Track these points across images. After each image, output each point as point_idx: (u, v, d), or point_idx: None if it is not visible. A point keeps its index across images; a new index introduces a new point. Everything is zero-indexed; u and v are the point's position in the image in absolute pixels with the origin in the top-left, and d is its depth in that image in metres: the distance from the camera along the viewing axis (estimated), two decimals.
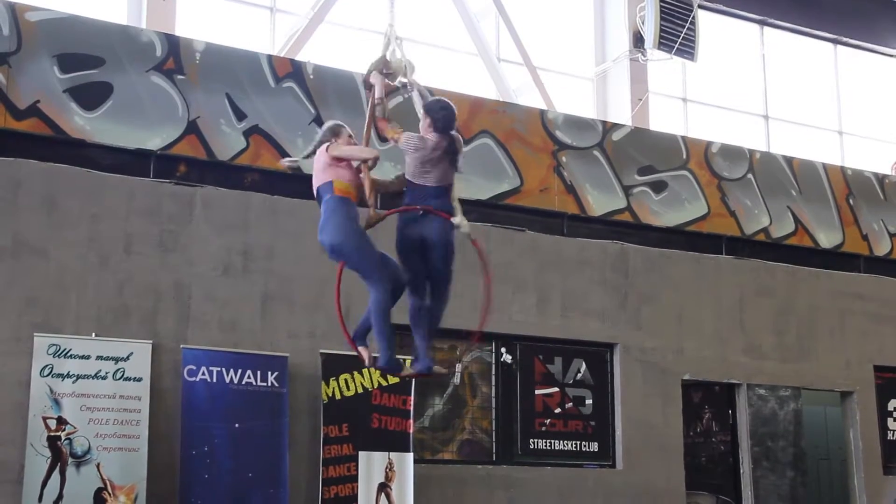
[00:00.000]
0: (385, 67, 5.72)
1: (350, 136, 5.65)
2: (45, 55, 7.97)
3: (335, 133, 5.66)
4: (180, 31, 9.63)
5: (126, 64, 8.25)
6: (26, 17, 7.95)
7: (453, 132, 5.52)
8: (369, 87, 5.70)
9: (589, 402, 9.71)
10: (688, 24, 11.88)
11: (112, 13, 9.60)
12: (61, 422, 7.40)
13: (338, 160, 5.48)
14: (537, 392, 9.47)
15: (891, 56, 14.92)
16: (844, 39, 14.44)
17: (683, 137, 11.09)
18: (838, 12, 14.16)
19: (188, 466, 7.59)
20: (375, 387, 8.33)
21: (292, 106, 8.80)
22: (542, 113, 10.24)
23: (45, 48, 7.98)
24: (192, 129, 8.38)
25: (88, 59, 8.12)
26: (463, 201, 5.67)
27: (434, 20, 11.53)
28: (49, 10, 8.11)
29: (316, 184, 5.54)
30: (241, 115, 8.60)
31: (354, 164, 5.51)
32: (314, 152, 5.64)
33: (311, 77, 8.93)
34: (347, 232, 5.34)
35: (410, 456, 8.33)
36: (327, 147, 5.55)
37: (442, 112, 5.47)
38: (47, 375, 7.43)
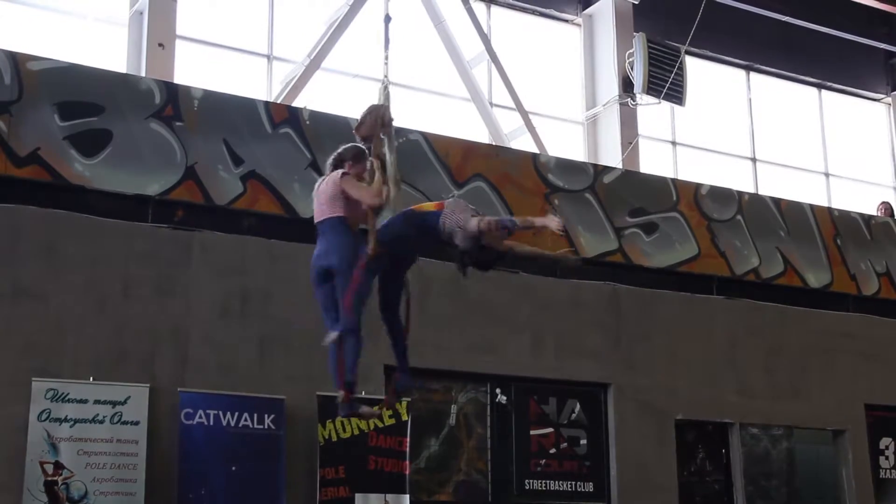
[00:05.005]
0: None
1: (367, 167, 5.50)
2: (45, 103, 8.09)
3: (356, 158, 5.49)
4: (179, 78, 9.79)
5: (125, 111, 8.37)
6: (28, 67, 8.08)
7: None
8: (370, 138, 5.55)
9: (583, 442, 9.75)
10: (675, 70, 12.13)
11: (111, 62, 9.77)
12: (58, 466, 7.40)
13: (346, 195, 5.38)
14: (532, 432, 9.51)
15: (874, 100, 15.21)
16: (829, 84, 14.73)
17: (673, 180, 11.26)
18: (822, 58, 14.46)
19: None
20: (371, 429, 8.36)
21: (289, 151, 8.93)
22: (535, 156, 10.40)
23: (46, 97, 8.10)
24: (190, 174, 8.49)
25: (88, 106, 8.23)
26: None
27: (428, 66, 11.75)
28: (50, 60, 8.25)
29: (326, 213, 5.40)
30: (238, 161, 8.71)
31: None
32: (333, 167, 5.50)
33: (308, 123, 9.07)
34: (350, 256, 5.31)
35: (407, 497, 8.35)
36: (342, 174, 5.42)
37: None
38: (45, 420, 7.45)
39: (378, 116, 5.52)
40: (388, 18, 6.27)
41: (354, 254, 5.36)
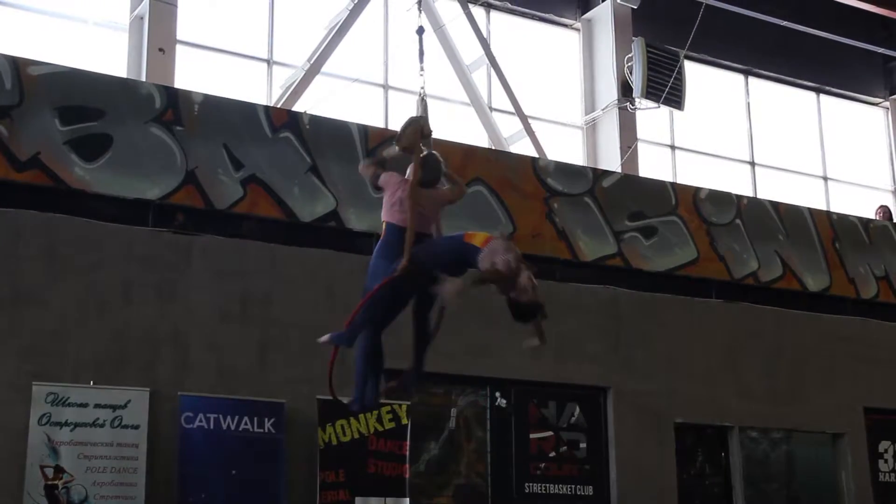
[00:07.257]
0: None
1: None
2: (46, 108, 8.11)
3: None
4: (179, 83, 9.80)
5: (126, 116, 8.39)
6: (28, 72, 8.10)
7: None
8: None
9: (583, 445, 9.77)
10: (674, 74, 12.14)
11: (112, 67, 9.79)
12: (59, 470, 7.42)
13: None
14: (532, 436, 9.53)
15: (872, 104, 15.24)
16: (827, 88, 14.75)
17: (672, 184, 11.29)
18: (820, 62, 14.49)
19: None
20: (371, 432, 8.38)
21: (289, 155, 8.95)
22: (534, 161, 10.42)
23: (47, 101, 8.12)
24: (191, 178, 8.51)
25: (89, 111, 8.26)
26: None
27: (428, 71, 11.74)
28: (51, 65, 8.27)
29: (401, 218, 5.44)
30: (238, 165, 8.74)
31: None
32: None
33: (308, 127, 9.10)
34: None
35: (406, 501, 8.37)
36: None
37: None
38: (45, 424, 7.47)
39: (418, 129, 5.60)
40: (420, 30, 6.23)
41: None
